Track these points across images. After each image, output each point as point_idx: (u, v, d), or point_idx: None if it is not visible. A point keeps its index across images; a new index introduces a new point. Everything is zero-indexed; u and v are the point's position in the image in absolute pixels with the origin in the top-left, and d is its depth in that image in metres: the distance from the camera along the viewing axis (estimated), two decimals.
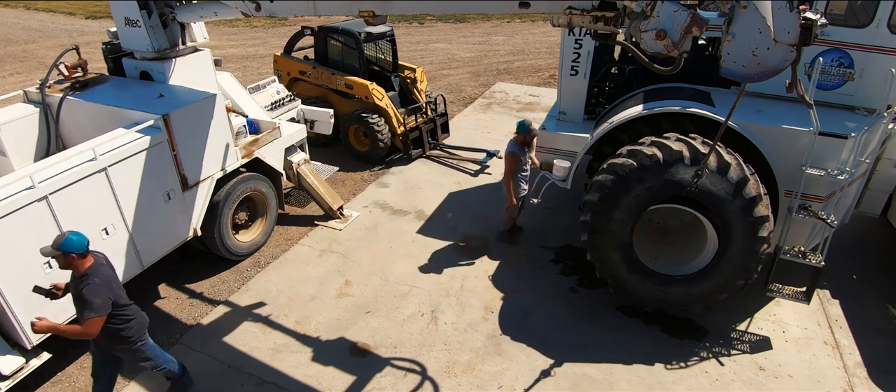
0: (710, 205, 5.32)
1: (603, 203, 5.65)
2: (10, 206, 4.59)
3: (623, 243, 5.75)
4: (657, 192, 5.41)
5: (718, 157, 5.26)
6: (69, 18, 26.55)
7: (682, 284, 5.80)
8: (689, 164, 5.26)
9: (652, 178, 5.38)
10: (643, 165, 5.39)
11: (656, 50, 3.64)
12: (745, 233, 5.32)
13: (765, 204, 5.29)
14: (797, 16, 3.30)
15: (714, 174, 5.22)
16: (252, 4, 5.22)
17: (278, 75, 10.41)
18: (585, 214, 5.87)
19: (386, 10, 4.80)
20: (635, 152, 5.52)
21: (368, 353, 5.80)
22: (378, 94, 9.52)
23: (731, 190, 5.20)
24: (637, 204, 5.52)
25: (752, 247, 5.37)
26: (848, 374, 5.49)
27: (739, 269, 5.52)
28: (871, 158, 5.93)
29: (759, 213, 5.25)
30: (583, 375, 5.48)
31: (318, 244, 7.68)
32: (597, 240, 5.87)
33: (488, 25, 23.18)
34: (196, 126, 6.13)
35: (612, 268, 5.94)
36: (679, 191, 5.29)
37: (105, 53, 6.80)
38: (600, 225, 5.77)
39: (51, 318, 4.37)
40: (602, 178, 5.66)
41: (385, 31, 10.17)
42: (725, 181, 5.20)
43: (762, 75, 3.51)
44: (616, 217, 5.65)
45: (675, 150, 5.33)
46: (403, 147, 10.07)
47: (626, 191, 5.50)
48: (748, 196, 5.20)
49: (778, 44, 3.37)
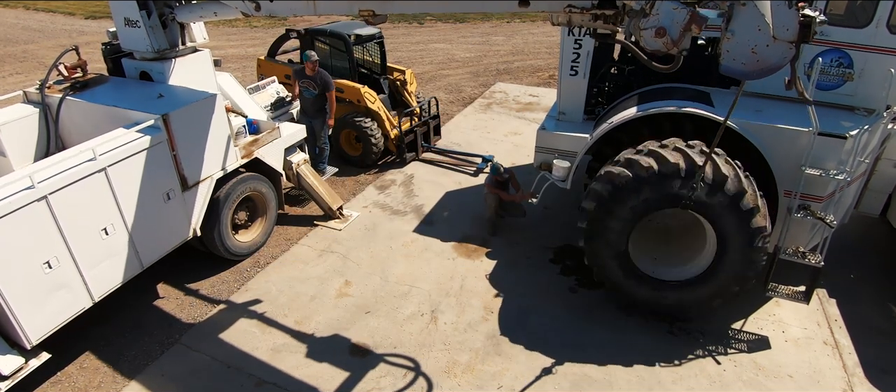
0: (707, 216, 5.34)
1: (598, 211, 5.67)
2: (9, 206, 4.58)
3: (619, 251, 5.77)
4: (652, 203, 5.42)
5: (715, 168, 5.19)
6: (69, 18, 26.53)
7: (677, 290, 5.82)
8: (685, 177, 5.20)
9: (647, 190, 5.36)
10: (639, 177, 5.36)
11: (656, 48, 3.65)
12: (741, 243, 5.33)
13: (763, 215, 5.27)
14: (796, 13, 3.31)
15: (711, 186, 5.17)
16: (252, 4, 5.21)
17: (261, 79, 10.29)
18: (582, 221, 5.91)
19: (386, 10, 4.79)
20: (632, 162, 5.47)
21: (368, 353, 5.80)
22: (370, 98, 9.44)
23: (727, 202, 5.18)
24: (632, 214, 5.53)
25: (749, 256, 5.38)
26: (847, 374, 5.49)
27: (735, 277, 5.54)
28: (871, 158, 5.93)
29: (757, 225, 5.23)
30: (583, 375, 5.48)
31: (318, 244, 7.68)
32: (593, 247, 5.91)
33: (488, 25, 23.17)
34: (196, 126, 6.12)
35: (609, 273, 5.99)
36: (674, 203, 5.28)
37: (105, 54, 6.80)
38: (596, 232, 5.79)
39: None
40: (598, 187, 5.66)
41: (374, 33, 10.06)
42: (722, 194, 5.17)
43: (761, 72, 3.51)
44: (612, 226, 5.66)
45: (672, 162, 5.26)
46: (397, 151, 9.99)
47: (621, 201, 5.50)
48: (745, 208, 5.17)
49: (777, 41, 3.37)
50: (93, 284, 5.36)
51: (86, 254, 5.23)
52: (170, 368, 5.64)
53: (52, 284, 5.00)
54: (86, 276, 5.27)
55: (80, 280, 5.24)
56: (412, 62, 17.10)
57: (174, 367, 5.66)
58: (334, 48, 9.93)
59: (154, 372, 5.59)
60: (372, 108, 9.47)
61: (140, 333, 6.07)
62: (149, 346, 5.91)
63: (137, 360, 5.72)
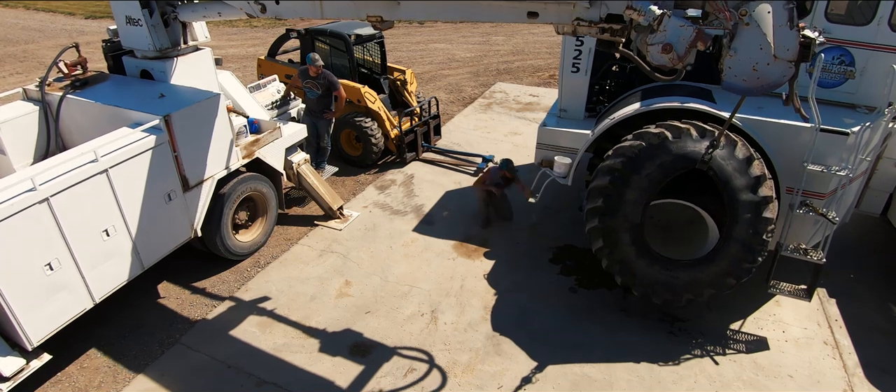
0: (720, 180, 5.32)
1: (614, 185, 5.60)
2: (11, 209, 4.58)
3: (635, 225, 5.69)
4: (668, 167, 5.41)
5: (728, 137, 5.34)
6: (69, 18, 26.52)
7: (688, 269, 5.72)
8: (697, 139, 5.36)
9: (663, 154, 5.41)
10: (652, 144, 5.45)
11: (662, 63, 3.73)
12: (750, 211, 5.32)
13: (769, 186, 5.33)
14: (797, 34, 3.43)
15: (725, 149, 5.29)
16: (257, 6, 5.18)
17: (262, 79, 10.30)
18: (595, 200, 5.79)
19: (393, 15, 4.75)
20: (642, 135, 5.57)
21: (368, 353, 5.80)
22: (370, 98, 9.45)
23: (739, 166, 5.27)
24: (649, 183, 5.50)
25: (758, 227, 5.35)
26: (848, 374, 5.49)
27: (745, 251, 5.45)
28: (872, 157, 5.93)
29: (765, 193, 5.29)
30: (583, 375, 5.48)
31: (318, 244, 7.69)
32: (607, 225, 5.77)
33: (488, 25, 23.14)
34: (197, 127, 6.12)
35: (622, 252, 5.84)
36: (691, 164, 5.32)
37: (105, 51, 6.78)
38: (612, 208, 5.70)
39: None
40: (611, 163, 5.65)
41: (374, 33, 10.02)
42: (734, 158, 5.27)
43: (761, 89, 3.63)
44: (628, 197, 5.61)
45: (683, 128, 5.43)
46: (397, 151, 9.99)
47: (637, 170, 5.50)
48: (754, 175, 5.27)
49: (777, 60, 3.50)
50: (94, 285, 5.36)
51: (87, 255, 5.23)
52: (170, 368, 5.64)
53: (54, 286, 5.00)
54: (87, 278, 5.27)
55: (82, 281, 5.24)
56: (412, 62, 17.09)
57: (174, 367, 5.66)
58: (334, 48, 9.93)
59: (154, 372, 5.59)
60: (372, 107, 9.47)
61: (140, 333, 6.08)
62: (149, 346, 5.91)
63: (138, 360, 5.72)
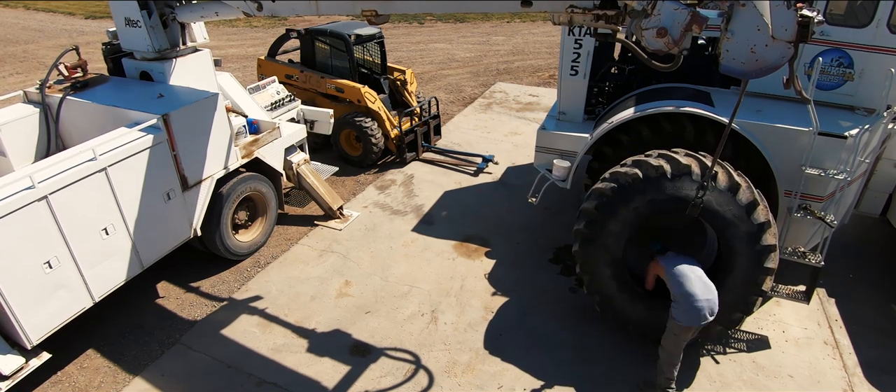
0: (715, 226, 5.05)
1: (600, 212, 5.35)
2: (9, 206, 4.59)
3: (615, 258, 5.45)
4: (658, 205, 5.11)
5: (728, 175, 4.99)
6: (69, 18, 26.54)
7: None
8: (695, 180, 4.94)
9: (654, 191, 5.08)
10: (648, 177, 5.12)
11: (657, 48, 3.68)
12: (748, 261, 5.01)
13: (772, 233, 4.98)
14: (794, 13, 3.37)
15: (722, 193, 4.90)
16: (254, 4, 5.21)
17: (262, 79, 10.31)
18: (579, 223, 5.60)
19: (388, 10, 4.78)
20: (641, 163, 5.24)
21: (368, 353, 5.80)
22: (370, 98, 9.46)
23: (739, 212, 4.89)
24: (635, 217, 5.24)
25: (755, 278, 5.04)
26: (848, 374, 5.49)
27: (738, 301, 5.18)
28: (871, 158, 5.93)
29: (767, 242, 4.92)
30: (583, 375, 5.48)
31: (318, 244, 7.69)
32: (588, 252, 5.55)
33: (488, 25, 23.18)
34: (196, 126, 6.12)
35: (601, 284, 5.63)
36: (681, 206, 4.95)
37: (105, 54, 6.80)
38: (594, 235, 5.45)
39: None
40: (602, 187, 5.38)
41: (374, 33, 10.07)
42: (734, 203, 4.87)
43: (760, 72, 3.55)
44: (611, 228, 5.34)
45: (684, 164, 5.02)
46: (397, 151, 9.99)
47: (626, 202, 5.21)
48: (757, 222, 4.87)
49: (776, 41, 3.42)
50: (93, 284, 5.36)
51: (86, 254, 5.23)
52: (170, 368, 5.64)
53: (53, 284, 5.00)
54: (86, 276, 5.28)
55: (81, 280, 5.24)
56: (412, 62, 17.11)
57: (174, 366, 5.66)
58: (334, 48, 9.93)
59: (154, 372, 5.59)
60: (372, 107, 9.48)
61: (140, 333, 6.07)
62: (149, 346, 5.91)
63: (138, 360, 5.72)
